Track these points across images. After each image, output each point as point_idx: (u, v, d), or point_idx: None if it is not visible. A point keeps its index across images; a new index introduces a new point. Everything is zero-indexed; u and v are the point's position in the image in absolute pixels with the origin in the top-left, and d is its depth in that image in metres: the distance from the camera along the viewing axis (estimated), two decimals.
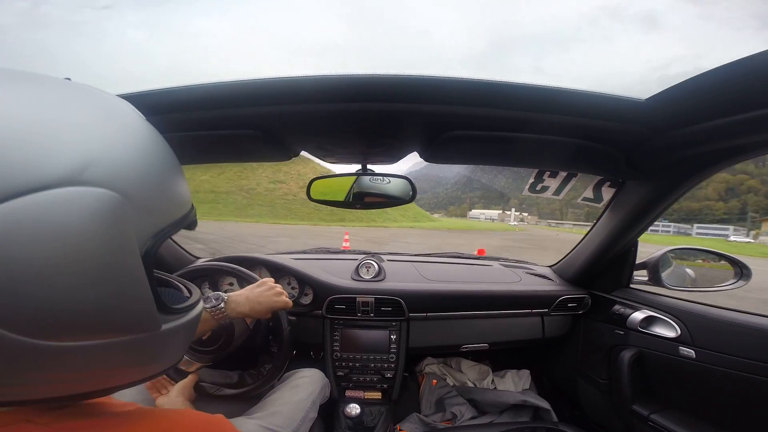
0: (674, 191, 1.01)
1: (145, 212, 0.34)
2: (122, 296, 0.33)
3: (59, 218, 0.28)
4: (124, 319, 0.34)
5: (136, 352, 0.36)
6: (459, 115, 0.78)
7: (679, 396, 1.15)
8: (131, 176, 0.33)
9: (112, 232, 0.31)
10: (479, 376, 1.77)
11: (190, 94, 0.73)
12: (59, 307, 0.29)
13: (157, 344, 0.39)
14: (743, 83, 0.58)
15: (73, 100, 0.33)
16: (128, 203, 0.32)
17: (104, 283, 0.31)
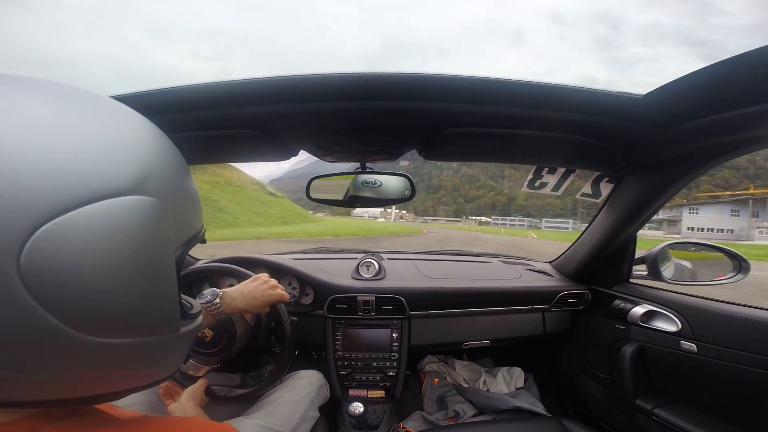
0: (672, 186, 1.02)
1: (180, 222, 0.38)
2: (160, 297, 0.36)
3: (123, 223, 0.31)
4: (156, 319, 0.36)
5: (156, 353, 0.38)
6: (457, 112, 0.78)
7: (681, 390, 1.16)
8: (173, 189, 0.37)
9: (160, 238, 0.35)
10: (472, 375, 1.77)
11: (188, 94, 0.73)
12: (113, 304, 0.32)
13: (173, 346, 0.41)
14: (740, 79, 0.59)
15: (124, 117, 0.37)
16: (171, 213, 0.36)
17: (151, 283, 0.34)
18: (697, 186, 62.62)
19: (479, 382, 1.73)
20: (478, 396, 1.59)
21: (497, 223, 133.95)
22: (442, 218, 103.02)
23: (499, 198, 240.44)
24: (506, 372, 1.76)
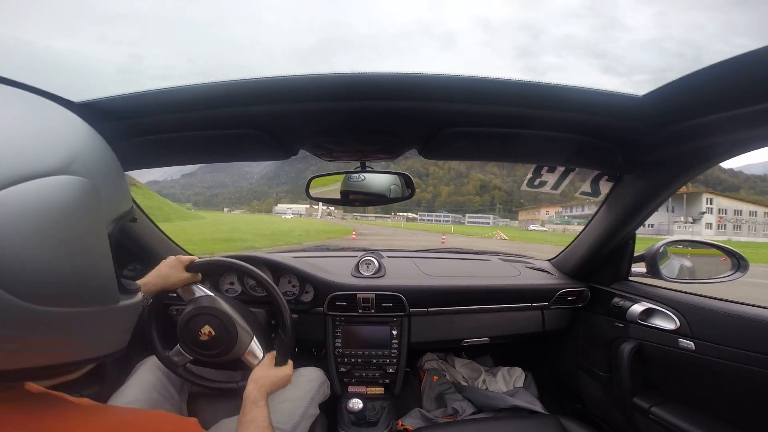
0: (671, 185, 1.02)
1: (109, 200, 0.42)
2: (93, 267, 0.40)
3: (53, 199, 0.35)
4: (92, 289, 0.40)
5: (97, 324, 0.42)
6: (457, 111, 0.78)
7: (679, 388, 1.16)
8: (100, 171, 0.41)
9: (88, 212, 0.38)
10: (472, 374, 1.78)
11: (188, 94, 0.73)
12: (48, 273, 0.35)
13: (114, 319, 0.45)
14: (739, 79, 0.59)
15: (52, 110, 0.41)
16: (99, 191, 0.40)
17: (83, 254, 0.38)
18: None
19: (478, 381, 1.74)
20: (477, 394, 1.60)
21: (423, 219, 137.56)
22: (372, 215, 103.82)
23: (424, 194, 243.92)
24: (506, 372, 1.76)
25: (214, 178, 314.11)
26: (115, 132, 0.84)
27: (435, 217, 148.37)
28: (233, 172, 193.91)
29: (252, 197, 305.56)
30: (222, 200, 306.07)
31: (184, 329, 1.00)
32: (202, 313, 1.00)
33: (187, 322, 1.00)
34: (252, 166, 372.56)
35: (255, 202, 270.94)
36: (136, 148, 0.91)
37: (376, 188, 1.12)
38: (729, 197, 66.38)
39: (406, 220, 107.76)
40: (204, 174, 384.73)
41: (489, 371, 1.79)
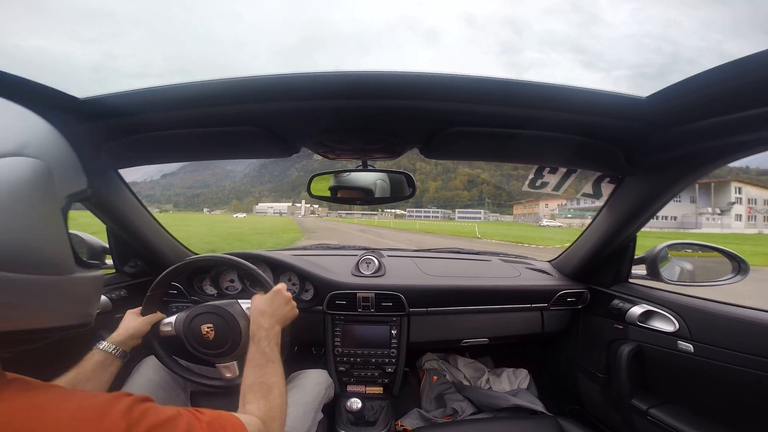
0: (673, 187, 1.02)
1: (61, 179, 0.47)
2: (47, 237, 0.44)
3: (9, 176, 0.40)
4: (46, 257, 0.44)
5: (53, 292, 0.46)
6: (459, 111, 0.78)
7: (677, 390, 1.16)
8: (52, 154, 0.46)
9: (41, 188, 0.43)
10: (475, 374, 1.78)
11: (191, 92, 0.73)
12: (5, 240, 0.39)
13: (71, 290, 0.49)
14: (743, 82, 0.58)
15: (5, 104, 0.46)
16: (51, 171, 0.45)
17: (36, 223, 0.43)
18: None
19: (481, 381, 1.74)
20: (479, 394, 1.60)
21: (412, 215, 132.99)
22: (358, 212, 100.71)
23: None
24: (512, 373, 1.77)
25: (196, 177, 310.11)
26: (117, 128, 0.84)
27: (424, 213, 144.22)
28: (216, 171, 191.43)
29: (234, 196, 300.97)
30: (203, 200, 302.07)
31: (191, 339, 1.00)
32: (194, 317, 1.01)
33: (188, 332, 1.01)
34: (236, 165, 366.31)
35: (235, 201, 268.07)
36: (139, 144, 0.91)
37: (377, 187, 1.12)
38: (759, 186, 57.41)
39: (395, 217, 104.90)
40: (185, 174, 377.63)
41: (493, 371, 1.79)
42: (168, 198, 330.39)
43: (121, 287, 1.35)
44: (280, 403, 0.78)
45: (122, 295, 1.33)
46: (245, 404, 0.75)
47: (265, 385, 0.78)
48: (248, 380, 0.79)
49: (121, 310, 1.31)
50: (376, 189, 1.12)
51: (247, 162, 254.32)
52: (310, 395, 1.11)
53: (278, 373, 0.82)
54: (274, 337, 0.88)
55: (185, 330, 1.01)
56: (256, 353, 0.84)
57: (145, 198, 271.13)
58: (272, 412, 0.74)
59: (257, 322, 0.89)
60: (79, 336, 1.14)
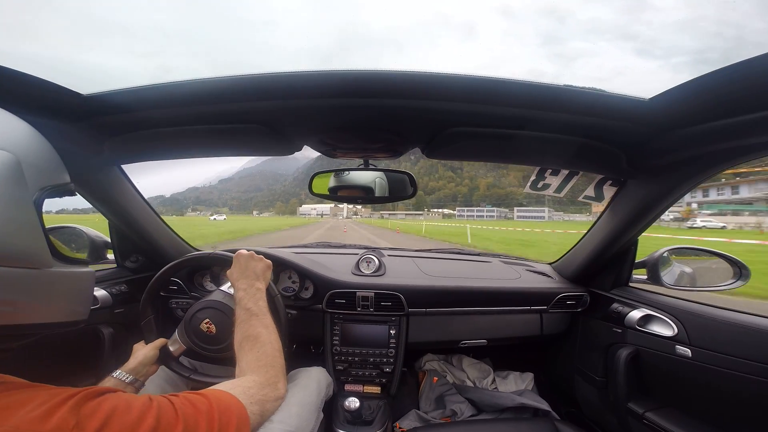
0: (675, 191, 1.01)
1: (36, 171, 0.47)
2: (21, 231, 0.44)
3: None
4: (22, 249, 0.44)
5: (32, 286, 0.46)
6: (461, 112, 0.78)
7: (674, 394, 1.16)
8: (23, 146, 0.46)
9: (12, 181, 0.43)
10: (480, 374, 1.78)
11: (193, 89, 0.74)
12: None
13: (51, 284, 0.48)
14: (747, 84, 0.58)
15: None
16: (21, 162, 0.45)
17: (8, 215, 0.42)
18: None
19: (486, 381, 1.74)
20: (484, 394, 1.60)
21: (462, 215, 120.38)
22: (402, 212, 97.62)
23: (459, 188, 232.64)
24: (518, 376, 1.77)
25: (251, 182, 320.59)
26: (121, 124, 0.85)
27: (477, 212, 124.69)
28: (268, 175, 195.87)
29: (280, 199, 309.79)
30: (255, 204, 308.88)
31: (196, 339, 1.01)
32: (192, 315, 1.02)
33: (192, 332, 1.01)
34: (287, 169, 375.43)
35: (279, 203, 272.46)
36: (142, 140, 0.92)
37: (377, 186, 1.12)
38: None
39: (443, 217, 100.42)
40: (241, 178, 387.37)
41: (498, 373, 1.80)
42: (225, 202, 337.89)
43: (122, 282, 1.36)
44: (269, 350, 0.78)
45: (122, 290, 1.34)
46: (239, 363, 0.75)
47: (251, 337, 0.80)
48: (237, 338, 0.80)
49: (121, 305, 1.32)
50: (377, 188, 1.12)
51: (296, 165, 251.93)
52: (313, 394, 1.11)
53: (264, 324, 0.84)
54: (254, 293, 0.91)
55: (189, 336, 1.01)
56: (240, 313, 0.87)
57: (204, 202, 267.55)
58: (263, 360, 0.75)
59: (236, 288, 0.93)
60: (79, 336, 1.14)
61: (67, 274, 0.50)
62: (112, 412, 0.44)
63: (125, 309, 1.33)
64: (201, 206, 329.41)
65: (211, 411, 0.52)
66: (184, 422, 0.48)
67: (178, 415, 0.48)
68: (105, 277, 1.34)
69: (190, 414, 0.49)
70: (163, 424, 0.46)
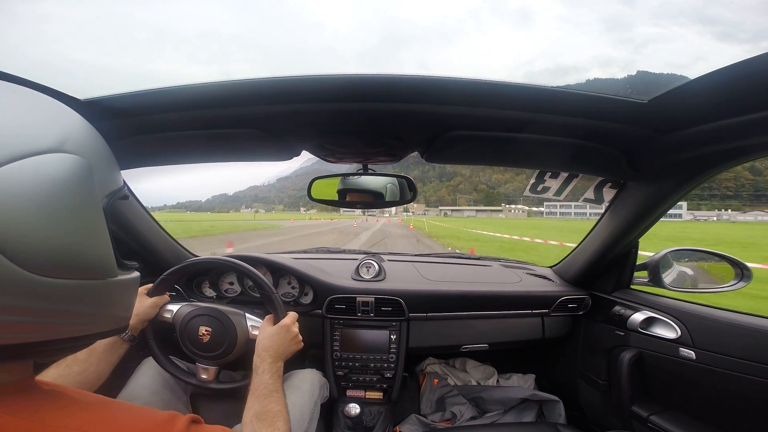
0: (676, 192, 1.01)
1: (102, 176, 0.45)
2: (91, 240, 0.43)
3: (50, 174, 0.38)
4: (91, 261, 0.42)
5: (96, 298, 0.44)
6: (460, 115, 0.78)
7: (678, 397, 1.15)
8: (92, 150, 0.44)
9: (82, 186, 0.41)
10: (484, 376, 1.77)
11: (191, 93, 0.73)
12: (49, 243, 0.38)
13: (113, 294, 0.47)
14: (746, 85, 0.58)
15: (44, 98, 0.44)
16: (91, 168, 0.43)
17: (81, 226, 0.41)
18: None
19: (490, 382, 1.75)
20: (493, 392, 1.61)
21: (553, 211, 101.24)
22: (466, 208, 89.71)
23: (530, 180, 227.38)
24: (521, 377, 1.77)
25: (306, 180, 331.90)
26: (118, 129, 0.84)
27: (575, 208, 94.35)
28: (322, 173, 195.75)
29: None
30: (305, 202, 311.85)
31: (184, 335, 1.01)
32: (195, 316, 1.02)
33: (184, 328, 1.02)
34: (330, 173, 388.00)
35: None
36: (140, 145, 0.91)
37: (377, 191, 1.12)
38: None
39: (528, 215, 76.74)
40: (297, 177, 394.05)
41: (502, 375, 1.80)
42: (281, 199, 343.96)
43: None
44: (285, 429, 0.81)
45: None
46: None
47: (271, 413, 0.81)
48: (254, 408, 0.82)
49: None
50: (378, 193, 1.12)
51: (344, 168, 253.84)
52: (306, 396, 1.11)
53: (282, 402, 0.86)
54: (276, 371, 0.91)
55: (182, 325, 1.02)
56: (259, 384, 0.87)
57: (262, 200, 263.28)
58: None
59: (261, 356, 0.92)
60: None
61: (125, 282, 0.49)
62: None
63: None
64: (258, 203, 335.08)
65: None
66: None
67: None
68: None
69: None
70: None
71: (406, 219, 56.25)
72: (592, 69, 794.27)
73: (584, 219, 76.37)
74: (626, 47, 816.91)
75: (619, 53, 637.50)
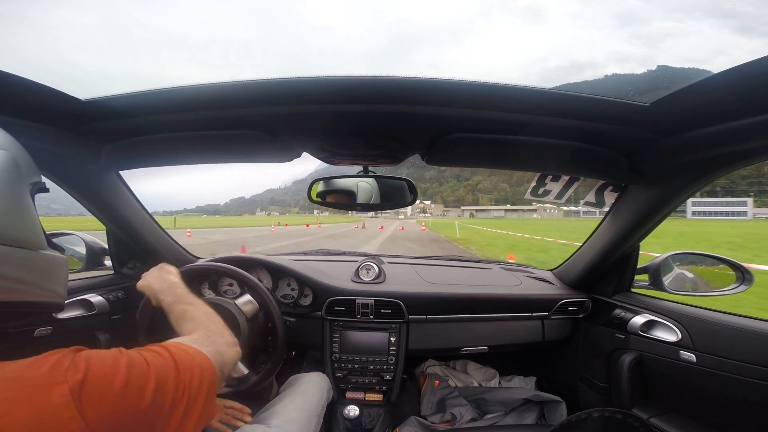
0: (677, 196, 1.01)
1: (24, 168, 0.54)
2: (24, 217, 0.52)
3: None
4: (25, 232, 0.51)
5: (30, 265, 0.52)
6: (461, 117, 0.77)
7: (678, 400, 1.15)
8: (14, 147, 0.53)
9: (12, 174, 0.51)
10: (485, 378, 1.78)
11: (190, 94, 0.73)
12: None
13: (44, 265, 0.55)
14: (748, 87, 0.58)
15: None
16: (15, 160, 0.52)
17: (12, 201, 0.50)
18: None
19: (492, 384, 1.75)
20: (496, 393, 1.61)
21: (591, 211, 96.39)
22: (492, 207, 77.39)
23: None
24: (522, 380, 1.77)
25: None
26: (119, 129, 0.84)
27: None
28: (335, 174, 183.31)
29: None
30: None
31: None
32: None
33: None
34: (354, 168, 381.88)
35: None
36: (139, 146, 0.91)
37: (377, 193, 1.11)
38: None
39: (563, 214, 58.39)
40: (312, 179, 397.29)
41: (503, 377, 1.80)
42: (296, 202, 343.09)
43: (119, 288, 1.35)
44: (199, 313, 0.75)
45: (120, 297, 1.33)
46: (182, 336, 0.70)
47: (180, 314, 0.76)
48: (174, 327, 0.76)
49: (119, 312, 1.31)
50: (375, 195, 1.12)
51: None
52: (313, 399, 1.11)
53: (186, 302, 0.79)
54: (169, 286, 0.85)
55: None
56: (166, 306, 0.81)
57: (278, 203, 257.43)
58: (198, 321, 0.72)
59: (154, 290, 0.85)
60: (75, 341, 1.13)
61: (52, 257, 0.57)
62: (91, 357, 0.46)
63: (122, 315, 1.32)
64: (274, 207, 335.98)
65: (173, 360, 0.53)
66: (155, 373, 0.49)
67: (149, 366, 0.49)
68: (102, 284, 1.33)
69: (159, 364, 0.51)
70: (134, 373, 0.47)
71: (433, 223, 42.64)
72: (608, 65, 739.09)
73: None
74: (643, 42, 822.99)
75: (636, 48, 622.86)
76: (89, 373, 0.43)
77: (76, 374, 0.42)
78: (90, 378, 0.43)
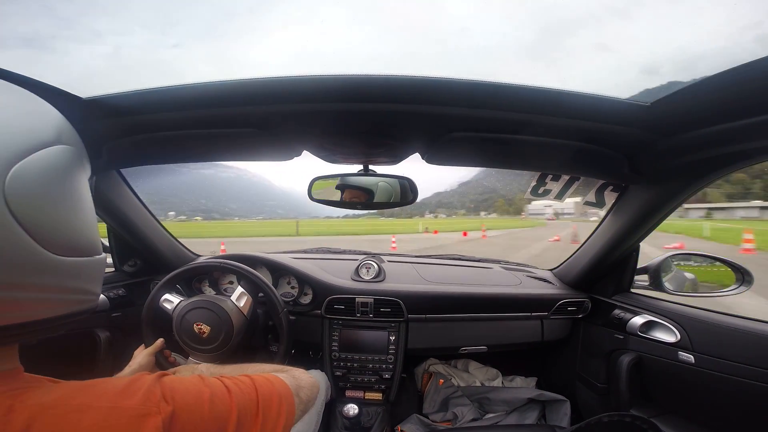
0: (678, 196, 1.01)
1: (86, 164, 0.50)
2: (88, 218, 0.47)
3: (58, 163, 0.42)
4: (90, 238, 0.46)
5: (85, 275, 0.47)
6: (461, 116, 0.77)
7: (677, 401, 1.15)
8: (77, 141, 0.48)
9: (80, 173, 0.46)
10: (487, 378, 1.78)
11: (191, 93, 0.73)
12: (65, 225, 0.41)
13: (97, 270, 0.50)
14: (750, 87, 0.58)
15: (31, 96, 0.45)
16: (81, 155, 0.48)
17: (81, 205, 0.45)
18: None
19: (494, 383, 1.75)
20: (500, 392, 1.61)
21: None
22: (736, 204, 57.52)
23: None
24: (523, 380, 1.78)
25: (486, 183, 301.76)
26: (120, 127, 0.85)
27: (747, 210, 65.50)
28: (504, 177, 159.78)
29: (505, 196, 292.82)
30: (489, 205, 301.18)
31: (180, 327, 1.00)
32: (189, 311, 1.01)
33: (180, 320, 1.00)
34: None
35: (501, 200, 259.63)
36: (140, 144, 0.91)
37: (377, 191, 1.11)
38: None
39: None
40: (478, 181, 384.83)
41: (506, 377, 1.81)
42: (462, 204, 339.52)
43: (120, 286, 1.35)
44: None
45: (120, 294, 1.33)
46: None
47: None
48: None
49: (119, 309, 1.31)
50: (379, 193, 1.12)
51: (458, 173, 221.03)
52: None
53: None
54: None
55: (180, 336, 1.00)
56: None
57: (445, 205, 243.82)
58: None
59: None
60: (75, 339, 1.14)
61: (104, 261, 0.52)
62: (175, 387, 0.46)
63: (123, 313, 1.33)
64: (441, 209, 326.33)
65: (254, 389, 0.53)
66: (237, 404, 0.49)
67: (231, 397, 0.49)
68: (103, 281, 1.33)
69: (240, 394, 0.51)
70: (217, 405, 0.47)
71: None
72: None
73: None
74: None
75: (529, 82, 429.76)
76: (177, 406, 0.43)
77: (167, 406, 0.42)
78: (178, 411, 0.43)
